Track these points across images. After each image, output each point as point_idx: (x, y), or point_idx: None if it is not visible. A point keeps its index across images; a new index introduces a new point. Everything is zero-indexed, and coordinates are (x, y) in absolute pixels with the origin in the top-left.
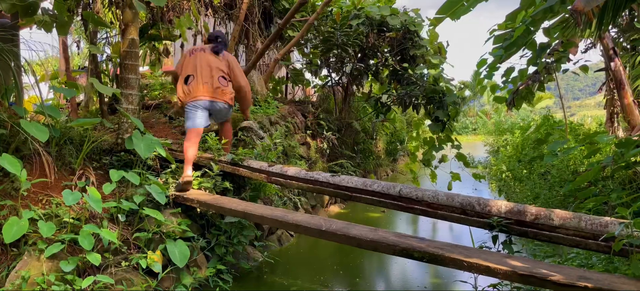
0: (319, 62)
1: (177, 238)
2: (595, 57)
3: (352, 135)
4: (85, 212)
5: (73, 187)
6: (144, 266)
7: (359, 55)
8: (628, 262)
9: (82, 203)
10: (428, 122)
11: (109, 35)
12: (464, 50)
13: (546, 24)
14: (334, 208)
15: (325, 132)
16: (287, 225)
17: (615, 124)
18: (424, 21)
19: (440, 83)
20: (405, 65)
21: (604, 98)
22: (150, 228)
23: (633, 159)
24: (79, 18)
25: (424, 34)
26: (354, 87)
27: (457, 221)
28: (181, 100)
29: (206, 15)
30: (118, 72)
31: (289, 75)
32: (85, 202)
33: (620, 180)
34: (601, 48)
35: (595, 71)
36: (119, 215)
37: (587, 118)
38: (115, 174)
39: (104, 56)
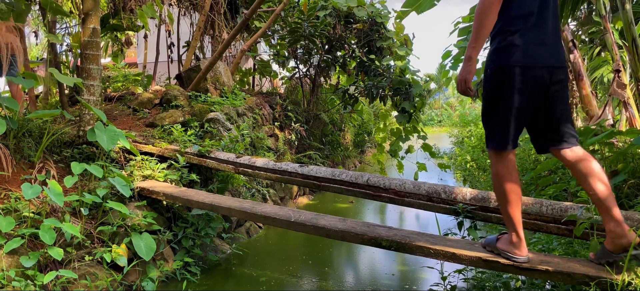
0: (286, 54)
1: (143, 231)
2: None
3: (320, 126)
4: (46, 206)
5: (33, 180)
6: (109, 261)
7: (327, 46)
8: (587, 245)
9: (43, 197)
10: (395, 113)
11: (68, 25)
12: (429, 42)
13: None
14: (303, 200)
15: (293, 124)
16: (255, 217)
17: (574, 114)
18: (390, 13)
19: (407, 75)
20: (372, 56)
21: None
22: (114, 221)
23: (591, 148)
24: (36, 7)
25: (390, 25)
26: (322, 79)
27: (424, 208)
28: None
29: (170, 4)
30: (79, 63)
31: (256, 67)
32: (46, 195)
33: None
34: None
35: None
36: (82, 209)
37: None
38: (77, 167)
39: (64, 46)
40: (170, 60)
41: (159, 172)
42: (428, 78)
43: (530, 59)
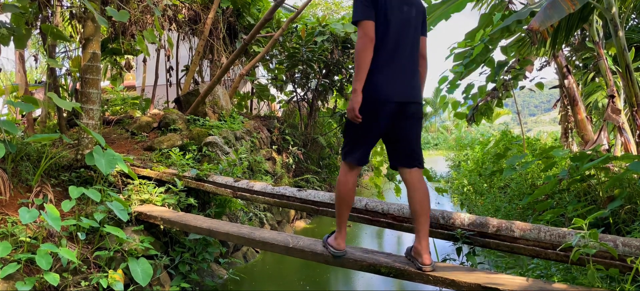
0: (284, 78)
1: (140, 256)
2: (549, 74)
3: (318, 150)
4: (43, 231)
5: (30, 204)
6: (105, 286)
7: (324, 71)
8: (585, 271)
9: (40, 221)
10: None
11: (68, 49)
12: None
13: (503, 42)
14: (300, 223)
15: (290, 147)
16: (253, 243)
17: (570, 139)
18: None
19: None
20: None
21: (559, 114)
22: (111, 246)
23: (587, 172)
24: (37, 31)
25: None
26: (319, 103)
27: None
28: None
29: (170, 29)
30: (78, 87)
31: (254, 91)
32: (43, 220)
33: (575, 192)
34: (555, 66)
35: (550, 88)
36: (79, 233)
37: (542, 134)
38: (74, 191)
39: (63, 70)
40: (169, 83)
41: (157, 196)
42: (424, 102)
43: (384, 94)
